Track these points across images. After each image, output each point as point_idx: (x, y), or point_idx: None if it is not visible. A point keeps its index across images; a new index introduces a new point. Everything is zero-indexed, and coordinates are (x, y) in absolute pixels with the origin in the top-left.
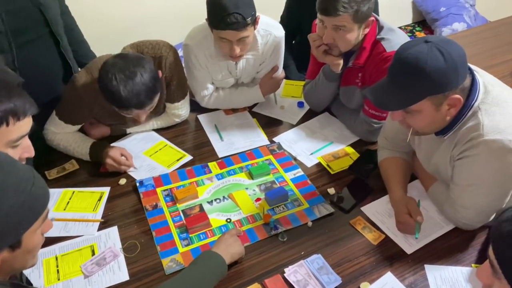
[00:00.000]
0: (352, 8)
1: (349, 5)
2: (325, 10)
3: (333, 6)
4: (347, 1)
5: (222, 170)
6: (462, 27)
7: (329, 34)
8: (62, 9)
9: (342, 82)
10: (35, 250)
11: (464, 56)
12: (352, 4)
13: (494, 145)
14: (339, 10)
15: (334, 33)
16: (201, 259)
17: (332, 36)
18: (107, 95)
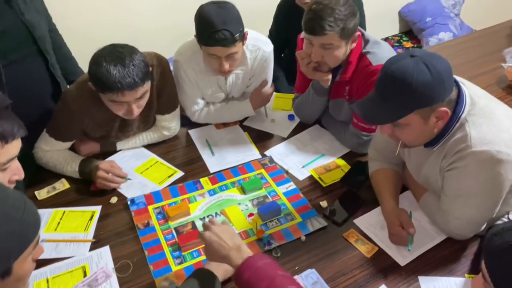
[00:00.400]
0: (339, 26)
1: (335, 24)
2: (311, 30)
3: (320, 25)
4: (332, 19)
5: (214, 185)
6: (448, 36)
7: (317, 52)
8: (50, 26)
9: (331, 95)
10: (26, 277)
11: (449, 69)
12: (338, 22)
13: (482, 156)
14: (326, 29)
15: (322, 51)
16: (193, 279)
17: (320, 54)
18: (99, 79)
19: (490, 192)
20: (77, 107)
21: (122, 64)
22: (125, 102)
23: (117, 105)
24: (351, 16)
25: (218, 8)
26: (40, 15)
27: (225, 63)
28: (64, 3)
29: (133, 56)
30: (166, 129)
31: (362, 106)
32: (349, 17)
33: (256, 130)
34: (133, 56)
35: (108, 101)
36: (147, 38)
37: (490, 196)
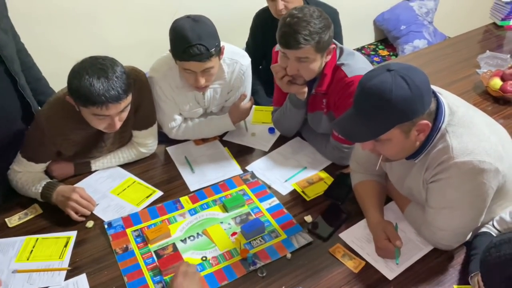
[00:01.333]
0: (314, 39)
1: (311, 37)
2: (286, 44)
3: (294, 39)
4: (307, 33)
5: (194, 204)
6: (423, 43)
7: (292, 65)
8: (18, 46)
9: (309, 108)
10: None
11: (427, 81)
12: (313, 36)
13: (465, 166)
14: (301, 43)
15: (297, 64)
16: None
17: (296, 67)
18: (81, 93)
19: (474, 203)
20: (51, 127)
21: (105, 77)
22: (108, 116)
23: (100, 119)
24: (326, 29)
25: (193, 22)
26: (7, 35)
27: (201, 78)
28: (32, 21)
29: (115, 68)
30: (143, 146)
31: (342, 124)
32: (324, 30)
33: (237, 145)
34: (115, 68)
35: (90, 115)
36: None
37: (474, 207)
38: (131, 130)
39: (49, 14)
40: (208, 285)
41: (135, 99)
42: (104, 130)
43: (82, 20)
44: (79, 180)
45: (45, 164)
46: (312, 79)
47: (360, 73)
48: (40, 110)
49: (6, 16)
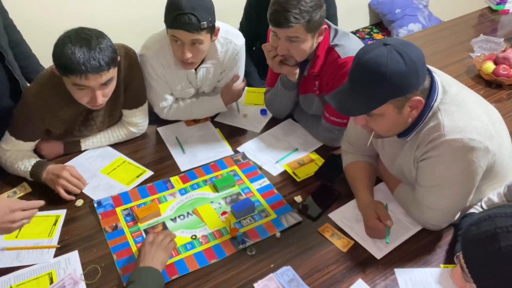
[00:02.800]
0: (304, 18)
1: (301, 16)
2: (277, 22)
3: (285, 17)
4: (298, 11)
5: (185, 184)
6: (418, 27)
7: (283, 45)
8: (7, 22)
9: (300, 90)
10: None
11: (422, 57)
12: (304, 15)
13: (455, 144)
14: (291, 21)
15: (288, 44)
16: (136, 278)
17: (286, 47)
18: (62, 61)
19: (464, 181)
20: (38, 104)
21: (87, 46)
22: (88, 87)
23: (81, 90)
24: (317, 8)
25: None
26: None
27: (187, 51)
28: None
29: (100, 40)
30: (133, 125)
31: (336, 98)
32: (315, 9)
33: (228, 126)
34: (100, 40)
35: (71, 86)
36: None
37: (464, 185)
38: (121, 109)
39: None
40: (197, 263)
41: (124, 77)
42: (87, 105)
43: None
44: (69, 160)
45: (33, 142)
46: (304, 61)
47: (354, 54)
48: (28, 87)
49: None
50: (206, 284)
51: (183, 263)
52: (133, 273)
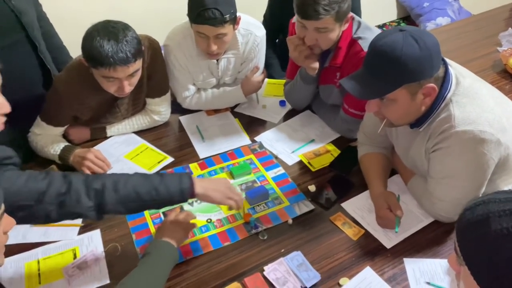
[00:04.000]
0: (334, 9)
1: (330, 7)
2: (306, 15)
3: (314, 10)
4: (327, 3)
5: (203, 171)
6: (446, 21)
7: (311, 36)
8: (39, 14)
9: (321, 81)
10: None
11: (437, 45)
12: (333, 6)
13: (465, 136)
14: (321, 13)
15: (316, 34)
16: (153, 250)
17: (314, 38)
18: (92, 54)
19: (474, 173)
20: (67, 92)
21: (115, 39)
22: (117, 79)
23: (109, 81)
24: None
25: None
26: (27, 2)
27: (213, 44)
28: None
29: (126, 32)
30: (156, 113)
31: (350, 81)
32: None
33: (247, 116)
34: (127, 32)
35: (100, 77)
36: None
37: (474, 177)
38: (145, 97)
39: None
40: (211, 245)
41: (148, 67)
42: (114, 93)
43: None
44: (94, 145)
45: (62, 128)
46: (325, 52)
47: None
48: (58, 76)
49: None
50: (219, 265)
51: (197, 244)
52: (150, 244)
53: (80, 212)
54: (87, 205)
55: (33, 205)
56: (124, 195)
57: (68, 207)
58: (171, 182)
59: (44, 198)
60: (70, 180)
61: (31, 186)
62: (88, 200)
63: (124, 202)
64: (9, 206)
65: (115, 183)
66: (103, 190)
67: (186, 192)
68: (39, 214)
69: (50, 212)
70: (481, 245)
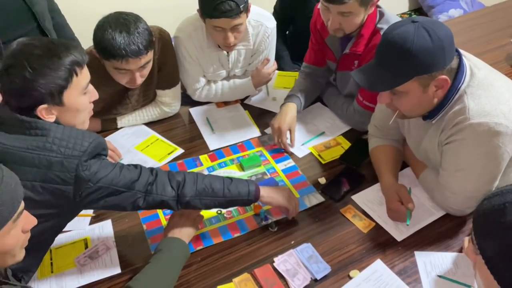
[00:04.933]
0: None
1: None
2: None
3: None
4: None
5: (213, 162)
6: (459, 13)
7: (335, 19)
8: (52, 6)
9: (339, 66)
10: (13, 250)
11: (451, 36)
12: None
13: (480, 128)
14: None
15: (340, 18)
16: (164, 247)
17: (338, 21)
18: (104, 46)
19: (488, 166)
20: None
21: (127, 31)
22: (128, 70)
23: (121, 73)
24: None
25: None
26: None
27: (231, 35)
28: None
29: (138, 24)
30: (166, 105)
31: (362, 73)
32: None
33: (257, 109)
34: (138, 24)
35: (112, 69)
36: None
37: (488, 170)
38: (155, 89)
39: None
40: (222, 236)
41: (158, 58)
42: (126, 85)
43: None
44: (105, 136)
45: None
46: (347, 38)
47: None
48: None
49: None
50: (229, 256)
51: (208, 235)
52: (161, 242)
53: (164, 200)
54: (171, 194)
55: (125, 191)
56: (201, 189)
57: (154, 195)
58: (240, 184)
59: (135, 186)
60: (156, 172)
61: (126, 174)
62: (172, 190)
63: (201, 195)
64: (105, 190)
65: (194, 178)
66: (184, 182)
67: (252, 194)
68: (128, 202)
69: (138, 199)
70: (495, 234)
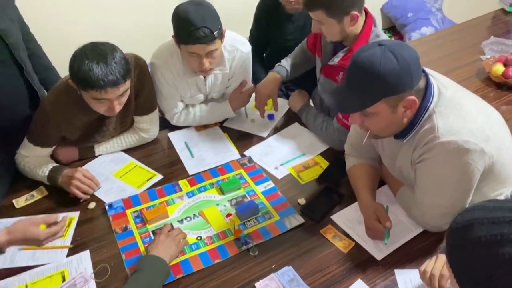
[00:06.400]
0: (323, 3)
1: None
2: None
3: (304, 2)
4: None
5: (192, 187)
6: (430, 31)
7: (315, 25)
8: (27, 37)
9: (324, 71)
10: None
11: (416, 58)
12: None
13: (449, 146)
14: (308, 5)
15: (318, 25)
16: (144, 265)
17: (318, 27)
18: (81, 77)
19: (460, 182)
20: (55, 112)
21: (104, 62)
22: (107, 100)
23: (99, 102)
24: None
25: (195, 6)
26: (12, 23)
27: (205, 61)
28: (40, 9)
29: (115, 54)
30: (144, 131)
31: (332, 95)
32: None
33: (236, 131)
34: (115, 53)
35: (90, 99)
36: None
37: (460, 187)
38: (132, 115)
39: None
40: (202, 263)
41: (135, 85)
42: (104, 113)
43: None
44: (83, 164)
45: (51, 148)
46: (341, 46)
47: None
48: (45, 97)
49: (13, 6)
50: (210, 283)
51: (188, 263)
52: (142, 260)
53: None
54: None
55: None
56: None
57: None
58: None
59: None
60: None
61: None
62: None
63: None
64: None
65: None
66: None
67: None
68: None
69: None
70: (462, 250)
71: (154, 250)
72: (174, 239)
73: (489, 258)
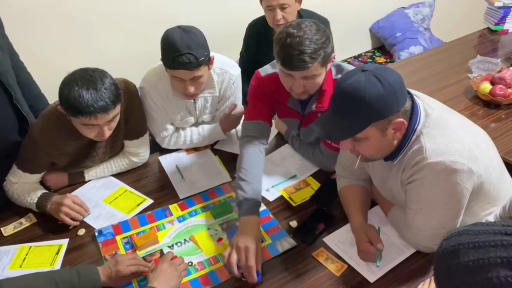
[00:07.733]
0: (320, 55)
1: (316, 54)
2: (293, 66)
3: (302, 60)
4: (313, 50)
5: (183, 211)
6: (419, 50)
7: (299, 84)
8: (17, 64)
9: (304, 123)
10: None
11: (401, 80)
12: (319, 53)
13: (438, 167)
14: (308, 63)
15: (304, 81)
16: None
17: (302, 85)
18: (71, 103)
19: (449, 203)
20: (44, 139)
21: (94, 88)
22: (97, 125)
23: (89, 128)
24: (326, 40)
25: (183, 32)
26: (3, 52)
27: (190, 86)
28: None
29: (104, 80)
30: (135, 155)
31: (320, 124)
32: (326, 44)
33: (227, 153)
34: (104, 79)
35: (79, 125)
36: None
37: (450, 207)
38: (122, 140)
39: (45, 29)
40: None
41: (125, 109)
42: (94, 138)
43: (79, 34)
44: (73, 190)
45: (39, 175)
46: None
47: None
48: (34, 123)
49: (2, 33)
50: None
51: None
52: None
53: None
54: None
55: None
56: None
57: None
58: None
59: None
60: None
61: None
62: None
63: None
64: None
65: None
66: None
67: None
68: None
69: None
70: (448, 275)
71: (156, 282)
72: (177, 269)
73: (477, 283)
